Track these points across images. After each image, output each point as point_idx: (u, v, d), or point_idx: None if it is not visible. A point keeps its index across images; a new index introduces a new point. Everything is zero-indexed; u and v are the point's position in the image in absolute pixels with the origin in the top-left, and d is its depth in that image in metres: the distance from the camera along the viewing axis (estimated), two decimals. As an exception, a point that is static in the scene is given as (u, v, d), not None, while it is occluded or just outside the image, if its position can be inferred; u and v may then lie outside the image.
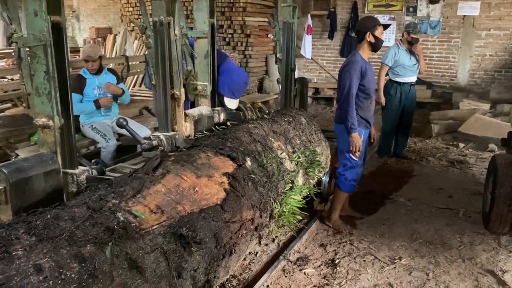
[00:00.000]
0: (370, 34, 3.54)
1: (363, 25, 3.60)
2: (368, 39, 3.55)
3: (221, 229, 1.84)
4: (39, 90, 1.88)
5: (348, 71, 3.45)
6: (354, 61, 3.50)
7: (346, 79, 3.44)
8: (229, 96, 3.63)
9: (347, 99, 3.44)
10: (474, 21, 8.60)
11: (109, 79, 4.41)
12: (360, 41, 3.61)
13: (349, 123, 3.44)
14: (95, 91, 4.28)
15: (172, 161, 1.98)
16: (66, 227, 1.45)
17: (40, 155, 1.83)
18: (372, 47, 3.60)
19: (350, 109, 3.44)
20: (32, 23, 1.81)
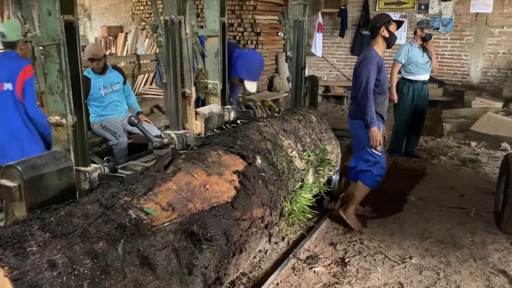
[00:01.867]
0: (384, 29, 3.58)
1: (378, 21, 3.65)
2: (383, 34, 3.59)
3: (231, 227, 1.85)
4: (52, 88, 1.90)
5: (365, 65, 3.48)
6: (370, 56, 3.53)
7: (363, 73, 3.47)
8: (249, 79, 3.66)
9: (365, 94, 3.46)
10: (487, 18, 8.50)
11: (114, 77, 4.44)
12: (374, 36, 3.65)
13: (368, 117, 3.47)
14: (101, 91, 4.31)
15: (183, 159, 1.99)
16: (79, 223, 1.47)
17: (53, 153, 1.85)
18: (386, 42, 3.63)
19: (368, 103, 3.46)
20: (45, 22, 1.84)
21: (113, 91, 4.39)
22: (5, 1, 12.34)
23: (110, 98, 4.37)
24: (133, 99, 4.73)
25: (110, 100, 4.37)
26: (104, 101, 4.33)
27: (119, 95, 4.46)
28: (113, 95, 4.40)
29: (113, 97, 4.40)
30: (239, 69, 3.59)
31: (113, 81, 4.41)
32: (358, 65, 3.60)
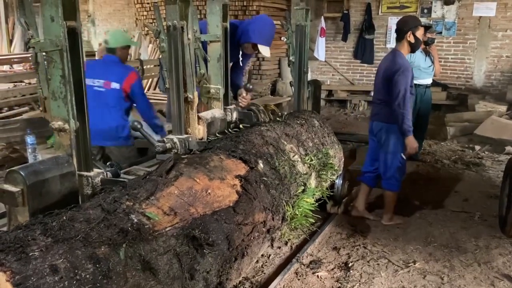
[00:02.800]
0: (411, 34, 3.61)
1: (405, 24, 3.66)
2: (409, 39, 3.62)
3: (233, 231, 1.85)
4: (55, 94, 1.91)
5: (403, 73, 3.53)
6: (407, 66, 3.60)
7: (401, 82, 3.51)
8: (263, 43, 3.67)
9: (403, 102, 3.51)
10: (490, 22, 8.50)
11: None
12: (400, 40, 3.68)
13: (406, 126, 3.55)
14: None
15: (185, 163, 2.00)
16: (81, 228, 1.47)
17: (56, 158, 1.86)
18: (411, 47, 3.67)
19: (406, 112, 3.53)
20: (48, 28, 1.85)
21: None
22: (10, 8, 12.44)
23: None
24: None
25: None
26: None
27: None
28: None
29: None
30: (251, 34, 3.60)
31: None
32: (394, 73, 3.57)
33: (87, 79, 3.52)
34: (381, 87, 3.74)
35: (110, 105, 3.70)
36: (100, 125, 3.50)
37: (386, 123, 3.71)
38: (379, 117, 3.79)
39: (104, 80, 3.66)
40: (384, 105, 3.71)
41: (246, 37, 3.61)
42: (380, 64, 3.92)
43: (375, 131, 3.86)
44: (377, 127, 3.82)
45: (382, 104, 3.73)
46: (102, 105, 3.62)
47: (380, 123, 3.77)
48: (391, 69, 3.60)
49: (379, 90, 3.79)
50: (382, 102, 3.73)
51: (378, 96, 3.83)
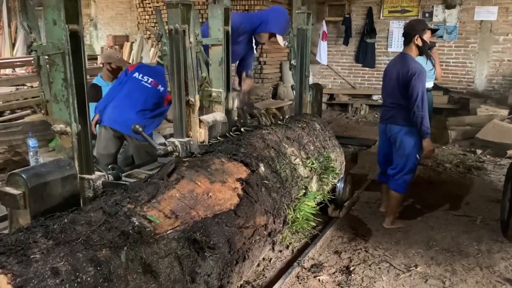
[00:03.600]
0: (418, 37, 3.67)
1: (413, 28, 3.72)
2: (416, 42, 3.69)
3: (234, 235, 1.85)
4: (57, 97, 1.92)
5: (419, 77, 3.58)
6: (421, 69, 3.67)
7: (418, 86, 3.58)
8: (281, 32, 3.83)
9: (421, 104, 3.58)
10: (491, 26, 8.51)
11: None
12: (408, 43, 3.74)
13: (425, 128, 3.61)
14: None
15: (187, 166, 2.00)
16: (82, 231, 1.47)
17: (57, 161, 1.86)
18: (418, 50, 3.73)
19: (425, 115, 3.61)
20: (51, 31, 1.86)
21: None
22: (12, 12, 12.50)
23: None
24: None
25: None
26: None
27: None
28: None
29: None
30: (271, 24, 3.75)
31: None
32: (408, 80, 3.61)
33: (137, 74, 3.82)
34: (396, 91, 3.74)
35: (147, 100, 3.77)
36: (127, 112, 3.66)
37: (402, 125, 3.74)
38: (394, 120, 3.82)
39: (153, 79, 3.82)
40: (400, 108, 3.75)
41: (265, 27, 3.74)
42: (389, 68, 3.94)
43: (389, 134, 3.89)
44: (392, 130, 3.84)
45: (398, 107, 3.75)
46: (141, 95, 3.76)
47: (396, 126, 3.79)
48: (406, 73, 3.62)
49: (392, 94, 3.80)
50: (398, 106, 3.75)
51: (391, 100, 3.84)
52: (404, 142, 3.76)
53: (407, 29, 3.78)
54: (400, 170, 3.83)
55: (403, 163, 3.80)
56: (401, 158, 3.82)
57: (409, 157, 3.77)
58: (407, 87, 3.61)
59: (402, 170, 3.82)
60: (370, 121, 9.18)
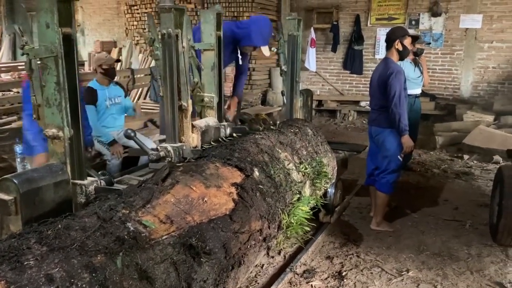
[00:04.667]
0: (398, 42, 3.85)
1: (393, 34, 3.92)
2: (397, 47, 3.85)
3: (230, 240, 1.83)
4: (49, 101, 1.89)
5: (395, 76, 3.72)
6: (399, 69, 3.80)
7: (395, 85, 3.70)
8: (264, 44, 3.91)
9: (398, 103, 3.70)
10: (476, 33, 8.65)
11: (117, 90, 4.47)
12: (389, 48, 3.92)
13: (403, 125, 3.72)
14: (107, 102, 4.32)
15: (181, 171, 1.98)
16: (77, 237, 1.44)
17: (49, 166, 1.83)
18: (399, 55, 3.89)
19: (402, 112, 3.71)
20: (43, 34, 1.83)
21: (116, 104, 4.41)
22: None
23: (111, 111, 4.38)
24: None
25: (111, 112, 4.38)
26: (106, 113, 4.34)
27: (119, 109, 4.47)
28: (114, 108, 4.41)
29: (114, 110, 4.41)
30: (254, 37, 3.80)
31: (116, 94, 4.44)
32: (387, 77, 3.76)
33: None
34: (377, 94, 3.91)
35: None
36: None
37: (383, 127, 3.87)
38: (377, 123, 3.96)
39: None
40: (382, 111, 3.87)
41: (248, 41, 3.72)
42: (374, 72, 4.11)
43: (373, 135, 4.04)
44: (375, 132, 3.99)
45: (380, 110, 3.90)
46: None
47: (378, 128, 3.94)
48: (385, 74, 3.79)
49: (375, 96, 3.97)
50: (380, 108, 3.90)
51: (375, 103, 4.00)
52: (387, 143, 3.88)
53: (388, 35, 3.97)
54: (384, 170, 3.94)
55: (386, 163, 3.91)
56: (384, 159, 3.93)
57: (391, 158, 3.88)
58: (385, 86, 3.75)
59: (386, 171, 3.93)
60: (358, 127, 9.24)
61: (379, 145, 3.97)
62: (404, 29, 4.03)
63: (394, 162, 3.88)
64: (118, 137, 4.41)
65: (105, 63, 4.24)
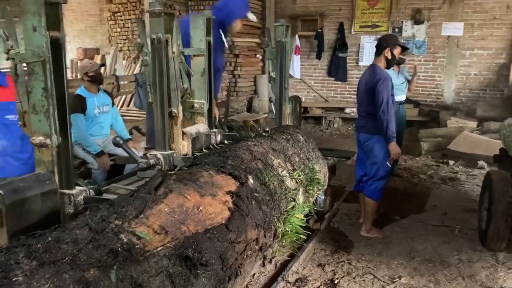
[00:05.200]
0: (389, 50, 3.85)
1: (385, 41, 3.93)
2: (386, 55, 3.86)
3: (226, 250, 1.77)
4: (36, 107, 1.81)
5: (383, 83, 3.72)
6: (386, 76, 3.81)
7: (383, 91, 3.71)
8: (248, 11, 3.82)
9: (386, 109, 3.70)
10: (458, 41, 8.80)
11: (105, 98, 4.38)
12: (378, 54, 3.91)
13: (390, 132, 3.71)
14: (95, 110, 4.22)
15: (174, 179, 1.92)
16: (68, 250, 1.37)
17: (37, 175, 1.74)
18: (387, 63, 3.90)
19: (390, 118, 3.71)
20: (30, 38, 1.75)
21: (104, 112, 4.31)
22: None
23: (99, 119, 4.28)
24: (122, 125, 4.61)
25: (99, 121, 4.28)
26: (93, 122, 4.24)
27: (106, 117, 4.37)
28: (102, 116, 4.31)
29: (101, 118, 4.31)
30: (239, 9, 3.67)
31: (104, 102, 4.35)
32: (374, 84, 3.76)
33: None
34: (365, 100, 3.91)
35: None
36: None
37: (372, 134, 3.87)
38: (365, 129, 3.96)
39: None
40: (370, 117, 3.87)
41: (234, 15, 3.68)
42: (360, 79, 4.12)
43: (362, 141, 4.03)
44: (363, 138, 3.99)
45: (368, 116, 3.90)
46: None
47: (366, 135, 3.94)
48: (372, 80, 3.79)
49: (363, 103, 3.97)
50: (368, 115, 3.89)
51: (362, 109, 4.00)
52: (375, 150, 3.88)
53: (379, 41, 3.98)
54: (373, 176, 3.94)
55: (375, 170, 3.92)
56: (373, 165, 3.94)
57: (380, 164, 3.87)
58: (373, 93, 3.75)
59: (374, 177, 3.93)
60: (344, 133, 9.28)
61: (368, 152, 3.97)
62: (396, 38, 4.07)
63: (383, 169, 3.88)
64: (103, 145, 4.32)
65: (90, 70, 4.15)
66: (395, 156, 3.82)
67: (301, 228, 2.31)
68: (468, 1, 8.60)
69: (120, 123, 4.57)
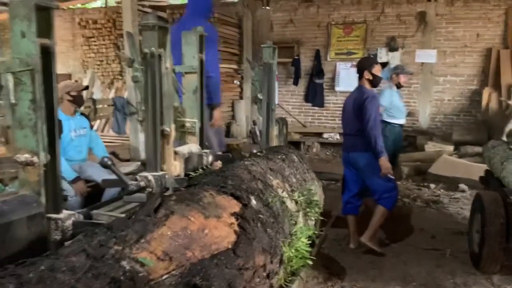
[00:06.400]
0: (368, 73, 3.95)
1: (361, 65, 4.08)
2: (366, 77, 3.95)
3: (235, 278, 1.61)
4: (22, 122, 1.63)
5: (371, 101, 3.81)
6: (374, 94, 3.98)
7: (371, 108, 3.78)
8: None
9: (375, 126, 3.77)
10: (432, 67, 9.00)
11: (82, 121, 4.17)
12: (360, 78, 4.02)
13: (379, 147, 3.75)
14: (72, 133, 3.99)
15: (175, 200, 1.75)
16: (65, 280, 1.18)
17: (22, 197, 1.55)
18: (371, 84, 3.98)
19: (378, 134, 3.78)
20: (17, 45, 1.59)
21: (80, 135, 4.09)
22: None
23: (75, 143, 4.05)
24: (103, 149, 4.40)
25: (75, 145, 4.05)
26: (69, 145, 4.00)
27: (83, 141, 4.15)
28: (79, 140, 4.09)
29: (78, 142, 4.08)
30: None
31: (81, 125, 4.13)
32: (362, 102, 3.82)
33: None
34: (353, 119, 3.95)
35: None
36: None
37: (363, 152, 3.89)
38: (356, 148, 3.97)
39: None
40: (358, 135, 3.91)
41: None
42: (347, 100, 4.17)
43: (351, 161, 4.03)
44: (354, 157, 3.99)
45: (357, 134, 3.92)
46: None
47: (358, 153, 3.95)
48: (360, 98, 3.87)
49: (351, 122, 4.00)
50: (357, 132, 3.93)
51: (350, 128, 4.02)
52: (374, 165, 3.85)
53: (358, 66, 4.12)
54: (386, 190, 3.91)
55: (384, 184, 3.89)
56: (378, 180, 3.89)
57: (385, 177, 3.86)
58: (361, 110, 3.81)
59: (387, 189, 3.91)
60: (323, 158, 9.25)
61: (365, 170, 3.95)
62: (371, 59, 4.25)
63: (390, 180, 3.90)
64: (79, 170, 4.08)
65: (73, 89, 3.95)
66: (386, 171, 3.79)
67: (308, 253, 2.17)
68: (440, 29, 8.88)
69: (101, 147, 4.35)
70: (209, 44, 3.73)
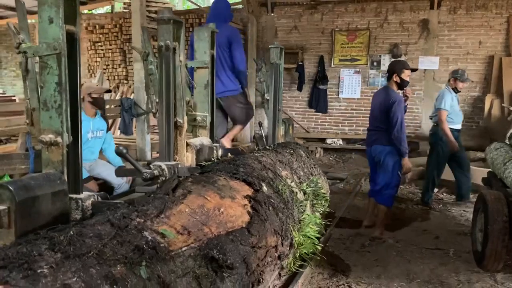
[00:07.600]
0: (396, 76, 4.30)
1: (392, 67, 4.42)
2: (395, 79, 4.30)
3: (249, 254, 1.67)
4: (47, 103, 1.71)
5: (398, 104, 4.17)
6: (400, 98, 4.27)
7: (398, 111, 4.15)
8: None
9: (401, 128, 4.15)
10: (434, 74, 9.09)
11: (101, 123, 4.24)
12: (389, 79, 4.38)
13: (404, 148, 4.16)
14: (89, 134, 4.05)
15: (191, 182, 1.83)
16: (92, 244, 1.25)
17: (47, 174, 1.62)
18: (398, 86, 4.34)
19: (404, 136, 4.17)
20: (45, 31, 1.67)
21: (97, 137, 4.15)
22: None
23: (90, 144, 4.11)
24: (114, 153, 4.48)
25: (90, 145, 4.10)
26: (84, 146, 4.07)
27: (98, 142, 4.22)
28: (94, 141, 4.15)
29: (93, 143, 4.14)
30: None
31: (99, 127, 4.20)
32: (389, 104, 4.18)
33: None
34: (379, 117, 4.30)
35: None
36: None
37: (385, 145, 4.25)
38: (378, 141, 4.35)
39: None
40: (383, 131, 4.28)
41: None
42: (374, 98, 4.56)
43: (373, 154, 4.39)
44: (376, 150, 4.34)
45: (381, 130, 4.31)
46: None
47: (379, 146, 4.31)
48: (387, 102, 4.20)
49: (377, 119, 4.40)
50: (379, 128, 4.30)
51: (376, 124, 4.42)
52: (387, 160, 4.21)
53: (389, 67, 4.45)
54: (385, 185, 4.27)
55: (387, 179, 4.24)
56: (385, 174, 4.26)
57: (392, 173, 4.23)
58: (388, 113, 4.14)
59: (387, 186, 4.26)
60: (326, 163, 9.30)
61: (380, 162, 4.28)
62: (402, 63, 4.45)
63: (395, 178, 4.22)
64: (89, 169, 4.15)
65: (95, 91, 4.02)
66: (407, 170, 4.18)
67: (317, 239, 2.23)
68: (442, 37, 8.98)
69: (112, 149, 4.41)
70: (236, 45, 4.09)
